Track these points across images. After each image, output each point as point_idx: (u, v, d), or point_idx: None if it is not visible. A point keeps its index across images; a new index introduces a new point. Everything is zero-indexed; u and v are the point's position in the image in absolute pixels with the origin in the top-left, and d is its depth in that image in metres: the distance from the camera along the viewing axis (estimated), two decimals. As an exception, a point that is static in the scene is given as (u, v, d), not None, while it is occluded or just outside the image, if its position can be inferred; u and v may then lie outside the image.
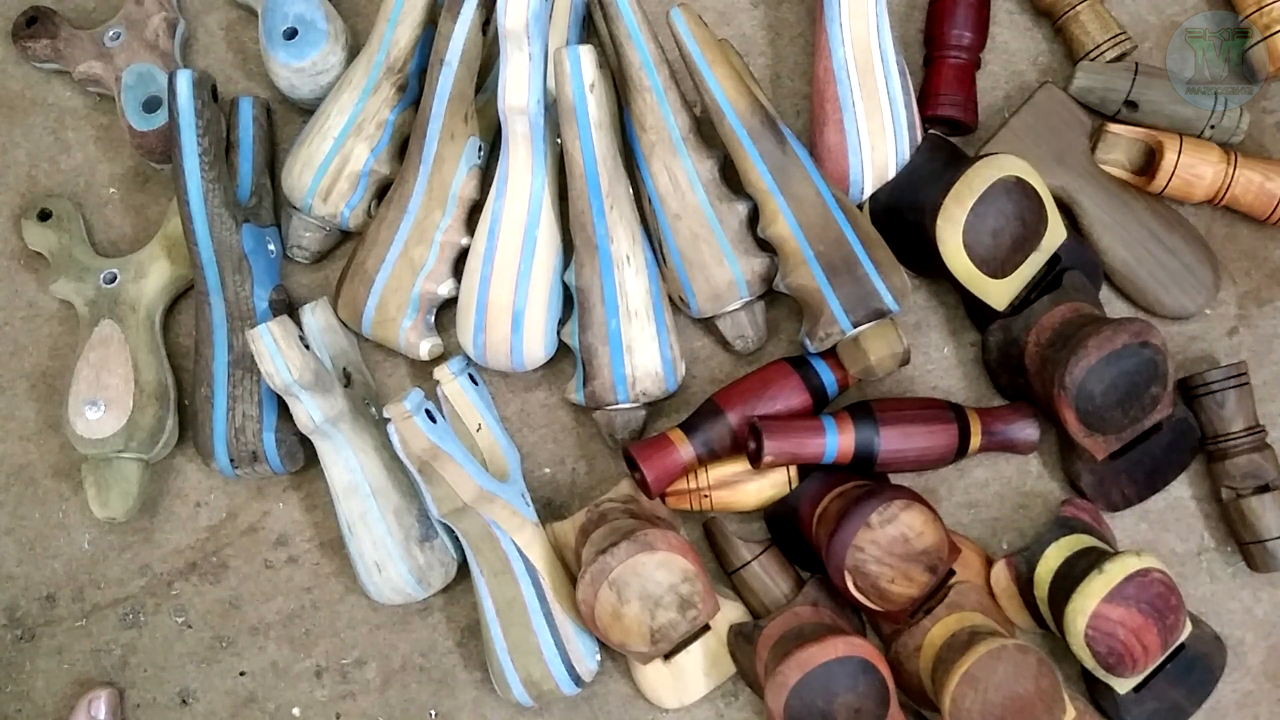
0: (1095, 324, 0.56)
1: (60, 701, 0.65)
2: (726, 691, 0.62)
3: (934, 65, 0.63)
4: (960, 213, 0.56)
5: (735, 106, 0.57)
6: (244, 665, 0.65)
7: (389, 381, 0.66)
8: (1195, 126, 0.62)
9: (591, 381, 0.60)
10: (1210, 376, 0.60)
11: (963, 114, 0.62)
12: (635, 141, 0.59)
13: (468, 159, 0.61)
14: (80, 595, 0.66)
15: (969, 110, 0.62)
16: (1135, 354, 0.55)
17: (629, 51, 0.57)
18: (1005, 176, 0.57)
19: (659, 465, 0.58)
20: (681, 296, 0.61)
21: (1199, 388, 0.60)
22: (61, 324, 0.68)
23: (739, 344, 0.62)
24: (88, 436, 0.61)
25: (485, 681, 0.63)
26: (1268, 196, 0.60)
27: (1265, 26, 0.61)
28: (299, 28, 0.62)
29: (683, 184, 0.59)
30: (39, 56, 0.67)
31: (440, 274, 0.62)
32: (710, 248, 0.59)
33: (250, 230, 0.62)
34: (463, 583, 0.63)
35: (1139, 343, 0.55)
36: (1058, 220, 0.59)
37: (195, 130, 0.60)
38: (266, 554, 0.65)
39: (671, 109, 0.58)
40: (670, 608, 0.56)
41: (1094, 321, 0.56)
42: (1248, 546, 0.60)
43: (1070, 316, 0.58)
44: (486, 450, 0.63)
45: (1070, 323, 0.57)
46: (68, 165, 0.69)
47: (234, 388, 0.61)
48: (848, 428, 0.57)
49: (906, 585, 0.54)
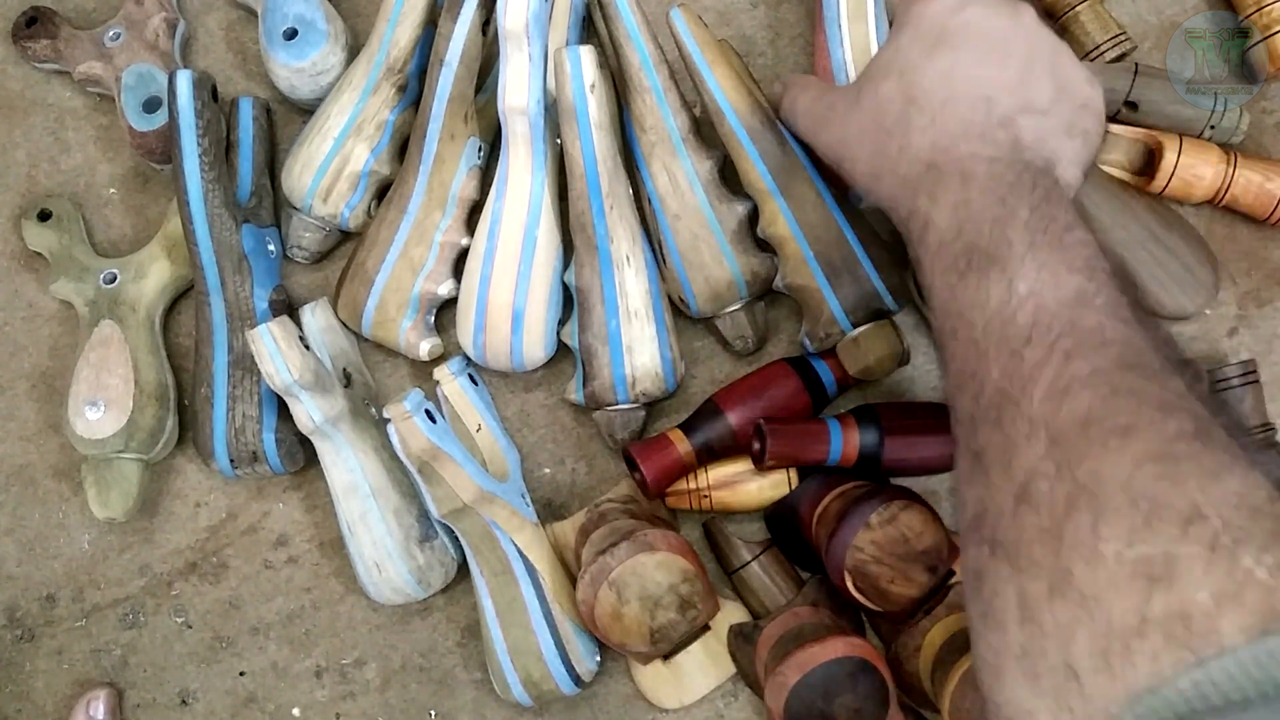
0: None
1: (60, 702, 0.65)
2: (726, 691, 0.62)
3: None
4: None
5: (735, 107, 0.57)
6: (244, 665, 0.65)
7: (389, 381, 0.66)
8: (1195, 127, 0.61)
9: (591, 382, 0.60)
10: (1229, 373, 0.59)
11: None
12: (635, 142, 0.59)
13: (468, 159, 0.61)
14: (80, 595, 0.66)
15: None
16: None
17: (628, 52, 0.57)
18: None
19: (659, 465, 0.58)
20: (681, 297, 0.61)
21: (1219, 383, 0.60)
22: (61, 324, 0.68)
23: (739, 344, 0.62)
24: (88, 436, 0.61)
25: (485, 681, 0.63)
26: (1268, 197, 0.60)
27: (1265, 26, 0.61)
28: (299, 28, 0.62)
29: (682, 184, 0.59)
30: (39, 56, 0.67)
31: (440, 274, 0.62)
32: (710, 248, 0.59)
33: (250, 230, 0.62)
34: (463, 583, 0.63)
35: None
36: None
37: (195, 130, 0.60)
38: (266, 554, 0.65)
39: (671, 109, 0.58)
40: (670, 608, 0.56)
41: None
42: None
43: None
44: (486, 450, 0.63)
45: None
46: (68, 165, 0.69)
47: (234, 388, 0.61)
48: (852, 432, 0.57)
49: (906, 585, 0.54)
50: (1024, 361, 0.39)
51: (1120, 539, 0.33)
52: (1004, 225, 0.43)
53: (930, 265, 0.45)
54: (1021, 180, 0.44)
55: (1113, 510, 0.34)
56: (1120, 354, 0.38)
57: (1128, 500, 0.34)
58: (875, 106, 0.50)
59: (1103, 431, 0.36)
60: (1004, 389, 0.39)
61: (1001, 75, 0.47)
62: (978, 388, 0.41)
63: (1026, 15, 0.49)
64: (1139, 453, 0.35)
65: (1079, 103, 0.49)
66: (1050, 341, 0.39)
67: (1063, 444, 0.37)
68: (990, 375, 0.40)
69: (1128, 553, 0.33)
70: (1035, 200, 0.43)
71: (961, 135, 0.46)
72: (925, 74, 0.48)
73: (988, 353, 0.41)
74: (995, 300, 0.41)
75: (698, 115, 0.60)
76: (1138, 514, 0.33)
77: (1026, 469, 0.37)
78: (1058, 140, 0.48)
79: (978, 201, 0.44)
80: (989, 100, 0.47)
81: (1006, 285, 0.41)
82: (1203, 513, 0.33)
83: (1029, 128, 0.47)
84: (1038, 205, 0.43)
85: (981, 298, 0.42)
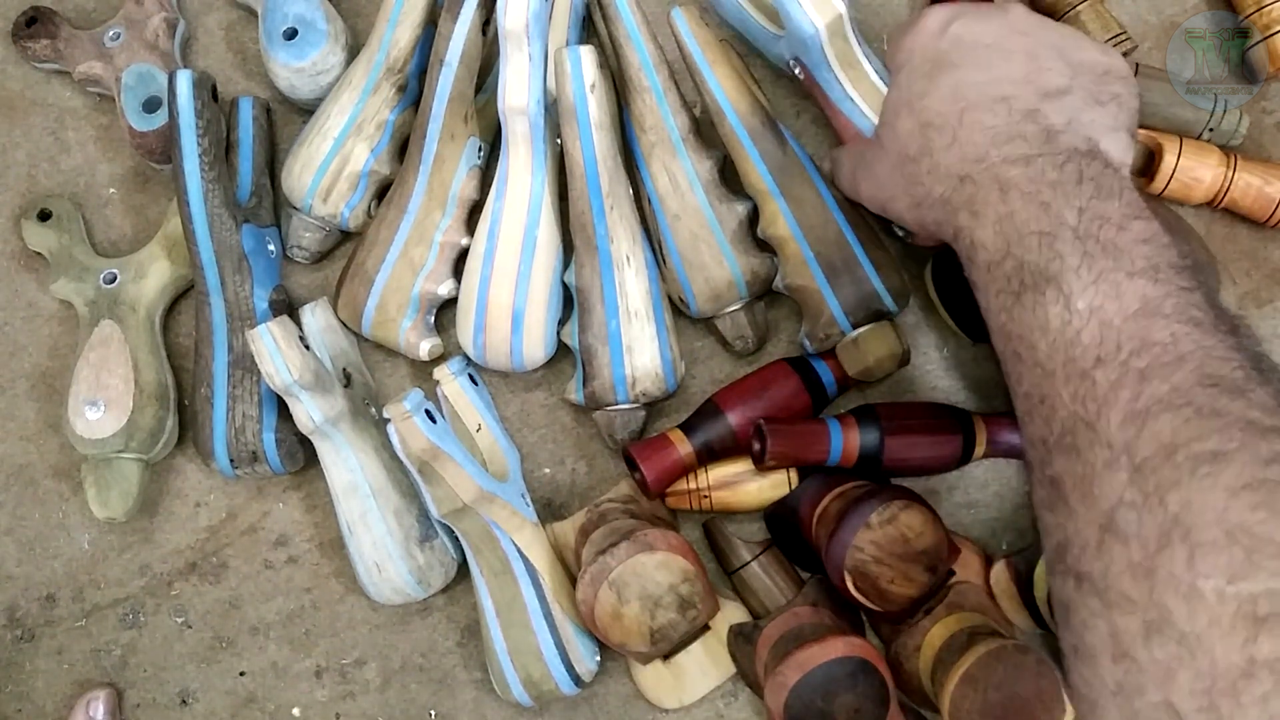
0: None
1: (60, 702, 0.65)
2: (726, 691, 0.62)
3: None
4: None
5: (736, 107, 0.57)
6: (244, 665, 0.65)
7: (389, 381, 0.66)
8: (1194, 129, 0.62)
9: (591, 382, 0.60)
10: None
11: None
12: (635, 142, 0.59)
13: (468, 159, 0.61)
14: (80, 595, 0.66)
15: None
16: None
17: (628, 52, 0.57)
18: None
19: (659, 465, 0.58)
20: (681, 297, 0.61)
21: None
22: (61, 324, 0.68)
23: (739, 344, 0.62)
24: (88, 436, 0.61)
25: (485, 681, 0.63)
26: (1266, 200, 0.60)
27: (1265, 26, 0.61)
28: (299, 28, 0.62)
29: (682, 184, 0.59)
30: (39, 56, 0.67)
31: (440, 274, 0.62)
32: (710, 248, 0.59)
33: (250, 230, 0.62)
34: (463, 583, 0.63)
35: None
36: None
37: (195, 130, 0.60)
38: (266, 554, 0.65)
39: (671, 109, 0.58)
40: (670, 608, 0.56)
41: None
42: None
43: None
44: (486, 450, 0.63)
45: None
46: (68, 165, 0.69)
47: (234, 388, 0.61)
48: (852, 432, 0.57)
49: (906, 585, 0.54)
50: (1096, 384, 0.38)
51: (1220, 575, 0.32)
52: (1053, 237, 0.41)
53: (984, 287, 0.43)
54: (1065, 174, 0.42)
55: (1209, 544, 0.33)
56: (1199, 367, 0.37)
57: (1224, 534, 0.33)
58: (897, 143, 0.49)
59: (1191, 458, 0.34)
60: (1078, 414, 0.38)
61: (1010, 73, 0.46)
62: (1049, 412, 0.39)
63: (1014, 10, 0.48)
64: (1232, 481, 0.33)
65: (1099, 72, 0.47)
66: (1123, 360, 0.37)
67: (1148, 472, 0.35)
68: (1062, 399, 0.39)
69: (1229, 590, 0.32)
70: (1084, 198, 0.41)
71: (989, 143, 0.45)
72: (934, 98, 0.47)
73: (1055, 376, 0.39)
74: (1056, 321, 0.39)
75: (698, 115, 0.60)
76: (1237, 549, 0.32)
77: (1110, 498, 0.36)
78: (1091, 113, 0.45)
79: (1021, 213, 0.42)
80: (1006, 100, 0.45)
81: (1065, 304, 0.39)
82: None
83: (1056, 111, 0.45)
84: (1087, 204, 0.41)
85: (1041, 319, 0.40)
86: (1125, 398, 0.37)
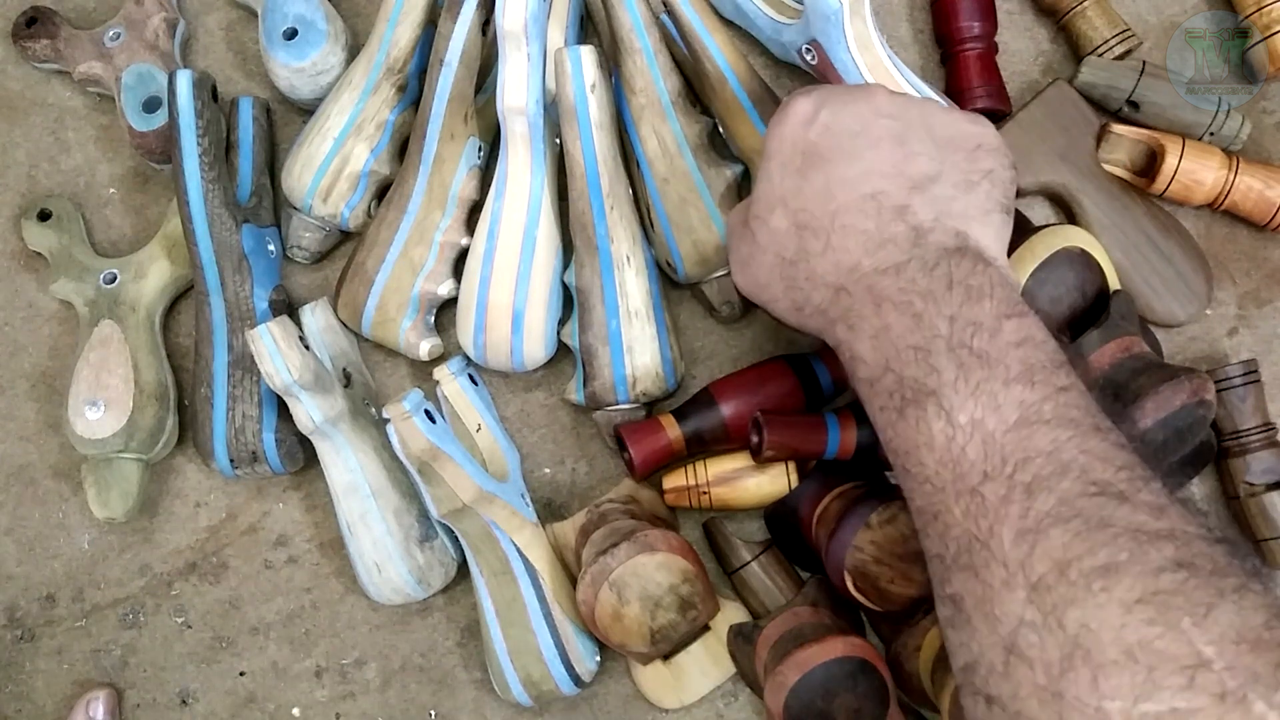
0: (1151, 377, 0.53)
1: (60, 702, 0.65)
2: (726, 691, 0.62)
3: (955, 61, 0.63)
4: (1020, 277, 0.56)
5: (736, 71, 0.58)
6: (244, 665, 0.65)
7: (389, 381, 0.66)
8: (1195, 132, 0.61)
9: (592, 382, 0.60)
10: (1231, 372, 0.59)
11: (999, 102, 0.62)
12: (624, 105, 0.59)
13: (468, 159, 0.61)
14: (80, 595, 0.66)
15: (1003, 97, 0.63)
16: (1190, 414, 0.53)
17: (620, 13, 0.57)
18: (1070, 246, 0.56)
19: (648, 447, 0.58)
20: (669, 261, 0.61)
21: (1220, 383, 0.59)
22: (61, 324, 0.68)
23: (725, 310, 0.62)
24: (88, 436, 0.61)
25: (485, 681, 0.63)
26: (1267, 203, 0.60)
27: (1265, 27, 0.61)
28: (299, 28, 0.62)
29: (671, 148, 0.59)
30: (39, 56, 0.67)
31: (440, 274, 0.62)
32: (698, 211, 0.59)
33: (250, 230, 0.62)
34: (463, 583, 0.63)
35: (1195, 402, 0.53)
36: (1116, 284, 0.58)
37: (195, 130, 0.60)
38: (266, 554, 0.65)
39: (661, 72, 0.58)
40: (670, 608, 0.56)
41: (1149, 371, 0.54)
42: (1266, 543, 0.60)
43: (1121, 358, 0.56)
44: (486, 450, 0.63)
45: (1122, 366, 0.55)
46: (68, 165, 0.69)
47: (234, 388, 0.61)
48: (850, 426, 0.57)
49: (906, 585, 0.54)
50: (986, 501, 0.37)
51: (1125, 696, 0.32)
52: (927, 351, 0.40)
53: (869, 401, 0.43)
54: (935, 279, 0.42)
55: (1111, 665, 0.33)
56: (1082, 474, 0.37)
57: (1124, 653, 0.33)
58: (774, 243, 0.48)
59: (1084, 574, 0.34)
60: (971, 531, 0.38)
61: (878, 163, 0.45)
62: (943, 529, 0.39)
63: (879, 94, 0.47)
64: (1125, 595, 0.34)
65: (970, 147, 0.47)
66: (1008, 475, 0.37)
67: (1044, 590, 0.35)
68: (954, 516, 0.38)
69: (1135, 711, 0.32)
70: (955, 305, 0.41)
71: (861, 250, 0.44)
72: (806, 196, 0.46)
73: (946, 491, 0.39)
74: (940, 437, 0.39)
75: (690, 81, 0.60)
76: (1139, 668, 0.32)
77: (1011, 619, 0.36)
78: (962, 200, 0.45)
79: (895, 326, 0.42)
80: (875, 197, 0.44)
81: (947, 419, 0.39)
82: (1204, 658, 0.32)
83: (924, 206, 0.44)
84: (958, 311, 0.41)
85: (925, 435, 0.40)
86: (1015, 513, 0.37)
